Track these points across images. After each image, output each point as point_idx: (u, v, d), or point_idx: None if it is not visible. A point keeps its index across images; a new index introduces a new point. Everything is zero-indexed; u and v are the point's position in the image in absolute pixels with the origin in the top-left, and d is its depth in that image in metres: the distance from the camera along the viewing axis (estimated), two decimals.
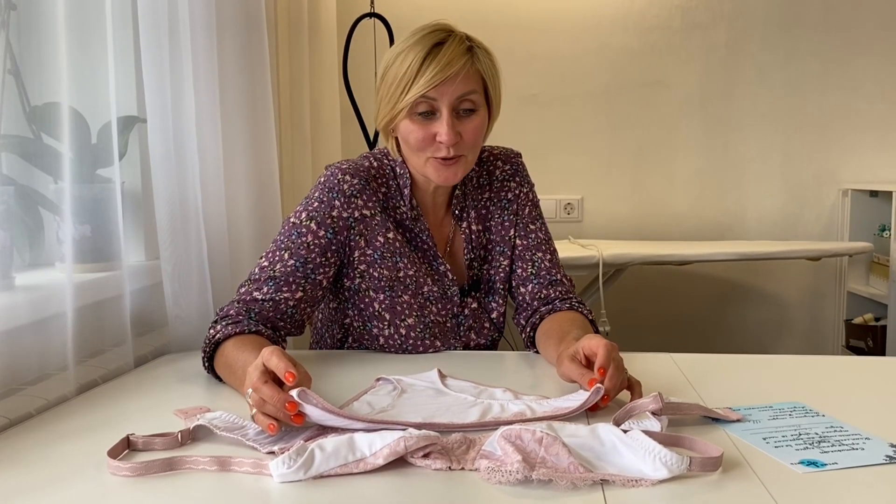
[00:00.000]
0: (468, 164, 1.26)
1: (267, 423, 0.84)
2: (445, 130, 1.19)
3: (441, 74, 1.17)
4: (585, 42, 2.94)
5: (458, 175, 1.25)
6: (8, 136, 1.22)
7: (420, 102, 1.19)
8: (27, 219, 1.25)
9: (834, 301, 3.03)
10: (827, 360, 1.31)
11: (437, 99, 1.19)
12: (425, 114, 1.21)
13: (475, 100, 1.22)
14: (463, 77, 1.19)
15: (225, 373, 1.10)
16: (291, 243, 1.23)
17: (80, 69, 1.29)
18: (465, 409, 0.96)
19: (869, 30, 2.90)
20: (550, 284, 1.34)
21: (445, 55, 1.18)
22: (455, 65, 1.18)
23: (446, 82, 1.18)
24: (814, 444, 0.84)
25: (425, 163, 1.24)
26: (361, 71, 2.62)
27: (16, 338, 1.04)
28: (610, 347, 0.97)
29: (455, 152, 1.22)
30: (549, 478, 0.73)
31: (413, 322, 1.30)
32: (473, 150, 1.26)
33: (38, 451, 0.86)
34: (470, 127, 1.22)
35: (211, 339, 1.14)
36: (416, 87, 1.18)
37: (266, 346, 0.95)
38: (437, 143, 1.21)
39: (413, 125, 1.21)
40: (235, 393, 1.06)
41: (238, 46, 1.58)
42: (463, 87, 1.20)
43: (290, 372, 0.87)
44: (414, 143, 1.23)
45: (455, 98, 1.20)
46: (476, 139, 1.25)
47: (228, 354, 1.10)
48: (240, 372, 1.02)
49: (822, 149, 2.96)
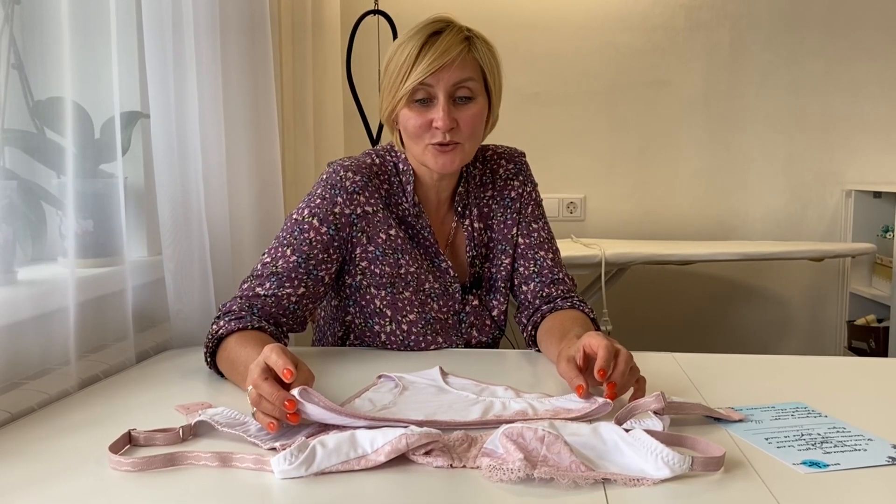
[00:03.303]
0: (465, 153, 1.26)
1: (266, 422, 0.85)
2: (441, 115, 1.20)
3: (438, 61, 1.19)
4: (589, 41, 2.94)
5: (454, 163, 1.25)
6: (11, 131, 1.22)
7: (418, 89, 1.21)
8: (30, 213, 1.26)
9: (836, 302, 3.02)
10: (830, 361, 1.31)
11: (434, 85, 1.21)
12: (423, 101, 1.22)
13: (472, 87, 1.23)
14: (459, 64, 1.21)
15: (227, 369, 1.10)
16: (294, 239, 1.23)
17: (84, 64, 1.29)
18: (466, 406, 0.96)
19: (873, 31, 2.90)
20: (552, 283, 1.34)
21: (443, 43, 1.20)
22: (451, 52, 1.20)
23: (443, 69, 1.20)
24: (816, 445, 0.84)
25: (424, 150, 1.25)
26: (365, 68, 2.62)
27: (18, 332, 1.04)
28: (610, 347, 0.96)
29: (451, 138, 1.22)
30: (550, 476, 0.73)
31: (414, 318, 1.30)
32: (471, 140, 1.26)
33: (40, 446, 0.86)
34: (466, 114, 1.23)
35: (214, 335, 1.14)
36: (414, 74, 1.20)
37: (268, 342, 0.95)
38: (433, 128, 1.22)
39: (411, 112, 1.23)
40: (237, 389, 1.06)
41: (242, 43, 1.58)
42: (459, 74, 1.21)
43: (288, 369, 0.87)
44: (412, 130, 1.23)
45: (451, 84, 1.21)
46: (473, 127, 1.25)
47: (231, 350, 1.10)
48: (242, 368, 1.02)
49: (826, 149, 2.95)
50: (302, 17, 2.22)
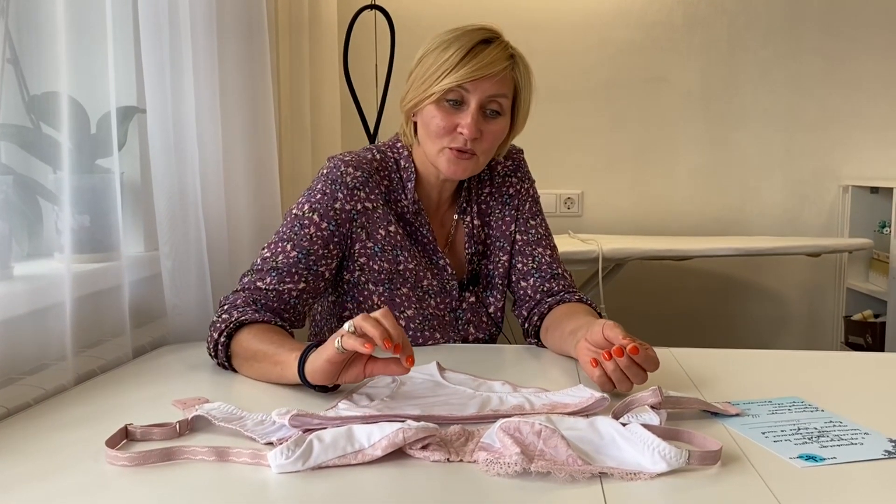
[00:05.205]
0: (478, 164, 1.28)
1: (362, 343, 0.89)
2: (469, 122, 1.22)
3: (481, 71, 1.20)
4: (587, 37, 2.94)
5: (466, 172, 1.27)
6: (7, 126, 1.22)
7: (452, 91, 1.21)
8: (26, 209, 1.25)
9: (833, 297, 3.03)
10: (826, 356, 1.31)
11: (470, 92, 1.22)
12: (454, 102, 1.23)
13: (503, 104, 1.25)
14: (499, 79, 1.23)
15: (249, 359, 1.08)
16: (294, 234, 1.23)
17: (80, 59, 1.28)
18: (463, 401, 0.96)
19: (871, 27, 2.90)
20: (552, 278, 1.34)
21: (490, 54, 1.21)
22: (496, 66, 1.21)
23: (484, 79, 1.21)
24: (813, 439, 0.84)
25: (439, 152, 1.25)
26: (362, 63, 2.62)
27: (14, 328, 1.04)
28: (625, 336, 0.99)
29: (471, 147, 1.23)
30: (547, 470, 0.73)
31: (412, 314, 1.30)
32: (487, 154, 1.28)
33: (37, 441, 0.85)
34: (491, 128, 1.25)
35: (229, 323, 1.12)
36: (455, 75, 1.20)
37: (285, 336, 0.97)
38: (456, 132, 1.23)
39: (438, 111, 1.23)
40: (234, 383, 1.06)
41: (238, 38, 1.57)
42: (496, 88, 1.23)
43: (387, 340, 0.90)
44: (434, 130, 1.24)
45: (486, 96, 1.22)
46: (493, 142, 1.27)
47: (255, 341, 1.08)
48: (273, 358, 1.02)
49: (823, 145, 2.95)
50: (299, 12, 2.21)
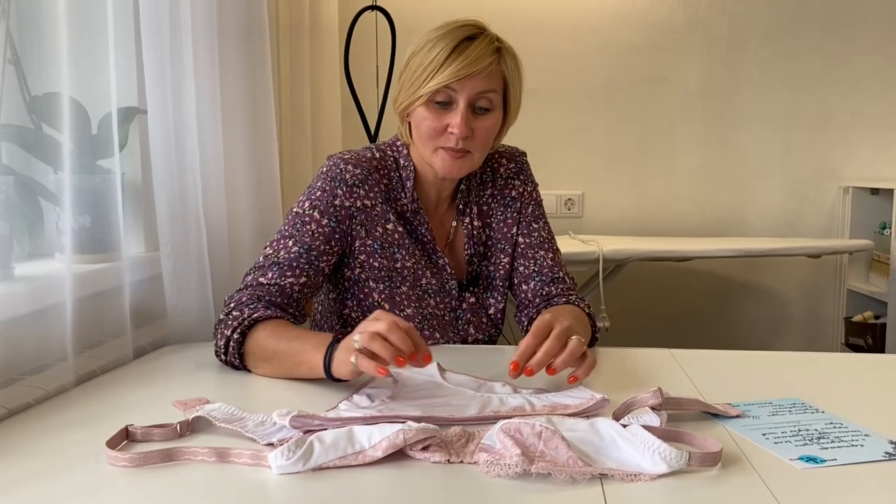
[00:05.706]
0: (474, 162, 1.27)
1: (376, 366, 0.92)
2: (458, 122, 1.21)
3: (467, 69, 1.19)
4: (587, 37, 2.93)
5: (462, 170, 1.27)
6: (8, 126, 1.22)
7: (440, 92, 1.21)
8: (27, 209, 1.25)
9: (834, 298, 3.03)
10: (827, 357, 1.31)
11: (458, 91, 1.21)
12: (442, 103, 1.22)
13: (493, 99, 1.24)
14: (486, 75, 1.22)
15: (268, 358, 1.09)
16: (295, 231, 1.24)
17: (81, 59, 1.28)
18: (464, 402, 0.96)
19: (871, 26, 2.89)
20: (552, 282, 1.34)
21: (475, 51, 1.20)
22: (482, 62, 1.20)
23: (469, 77, 1.20)
24: (813, 441, 0.84)
25: (433, 152, 1.25)
26: (362, 64, 2.62)
27: (15, 328, 1.04)
28: (541, 327, 1.02)
29: (464, 146, 1.23)
30: (547, 471, 0.73)
31: (411, 313, 1.30)
32: (482, 150, 1.27)
33: (37, 442, 0.85)
34: (483, 125, 1.24)
35: (242, 320, 1.12)
36: (440, 76, 1.20)
37: (299, 332, 1.02)
38: (447, 133, 1.23)
39: (428, 113, 1.23)
40: (235, 384, 1.06)
41: (239, 39, 1.57)
42: (484, 85, 1.22)
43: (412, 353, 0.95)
44: (426, 131, 1.24)
45: (474, 93, 1.22)
46: (486, 139, 1.26)
47: (270, 337, 1.09)
48: (296, 358, 1.04)
49: (824, 146, 2.95)
50: (300, 13, 2.22)
